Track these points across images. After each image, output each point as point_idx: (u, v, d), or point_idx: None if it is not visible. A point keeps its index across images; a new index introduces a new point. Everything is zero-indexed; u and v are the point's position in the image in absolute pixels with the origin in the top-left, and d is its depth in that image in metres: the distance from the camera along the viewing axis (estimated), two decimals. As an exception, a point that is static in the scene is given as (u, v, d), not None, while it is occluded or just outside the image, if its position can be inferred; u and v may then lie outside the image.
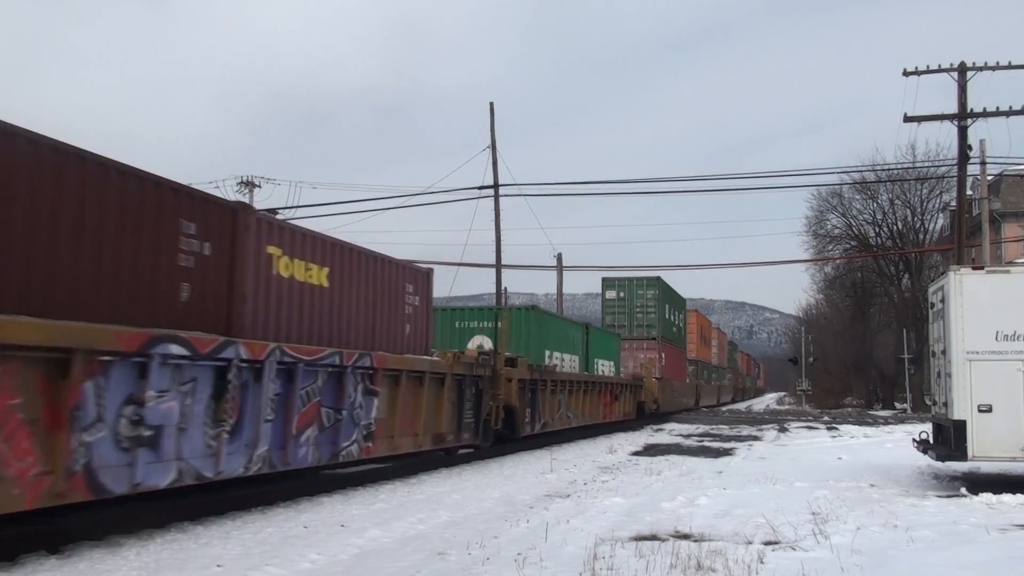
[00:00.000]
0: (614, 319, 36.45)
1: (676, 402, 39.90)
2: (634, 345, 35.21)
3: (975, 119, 27.15)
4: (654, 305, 36.50)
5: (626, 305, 36.53)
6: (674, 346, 40.25)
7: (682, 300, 44.44)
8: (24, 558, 7.23)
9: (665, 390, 35.72)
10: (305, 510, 10.14)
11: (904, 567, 7.12)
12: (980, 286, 12.39)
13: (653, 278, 37.14)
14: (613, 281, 37.29)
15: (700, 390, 49.46)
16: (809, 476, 14.02)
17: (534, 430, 19.64)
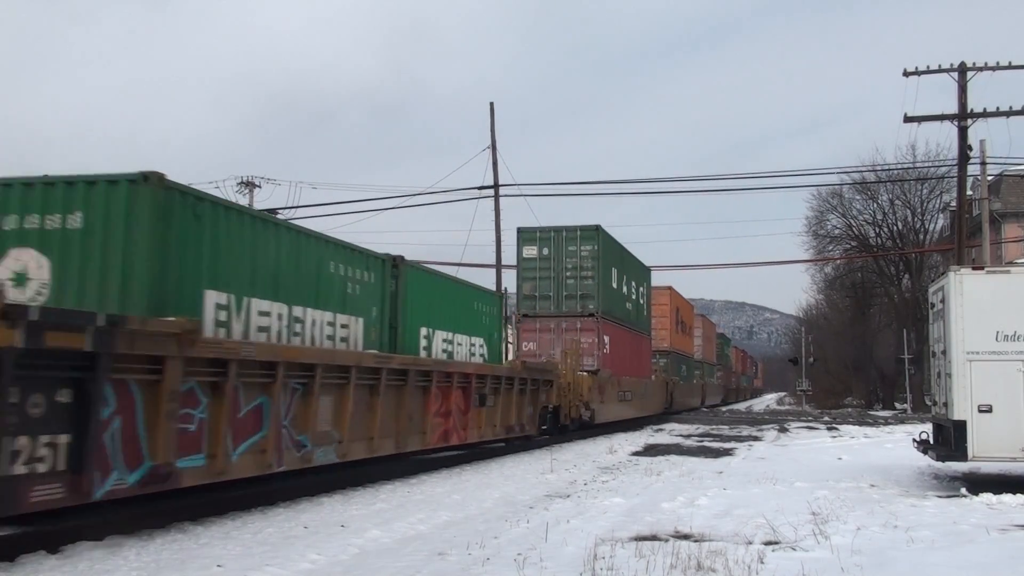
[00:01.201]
0: (535, 287, 25.58)
1: (629, 406, 29.30)
2: (564, 324, 25.20)
3: (975, 119, 27.15)
4: (592, 268, 25.61)
5: (552, 267, 25.63)
6: (628, 329, 29.91)
7: (644, 269, 33.85)
8: (24, 558, 7.23)
9: (606, 390, 25.85)
10: (305, 510, 10.14)
11: (904, 567, 7.12)
12: (980, 286, 12.39)
13: (591, 228, 25.83)
14: (534, 233, 26.07)
15: (674, 390, 38.96)
16: (809, 476, 14.02)
17: None
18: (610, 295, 26.94)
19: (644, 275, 34.17)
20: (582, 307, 25.45)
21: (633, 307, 31.12)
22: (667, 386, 37.63)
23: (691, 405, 47.21)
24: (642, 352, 32.96)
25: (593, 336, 25.28)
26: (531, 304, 25.63)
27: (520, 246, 25.86)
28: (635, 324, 31.28)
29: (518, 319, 25.26)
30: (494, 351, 19.07)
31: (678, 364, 42.96)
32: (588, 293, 25.48)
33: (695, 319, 53.20)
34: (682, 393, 42.61)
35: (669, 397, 37.87)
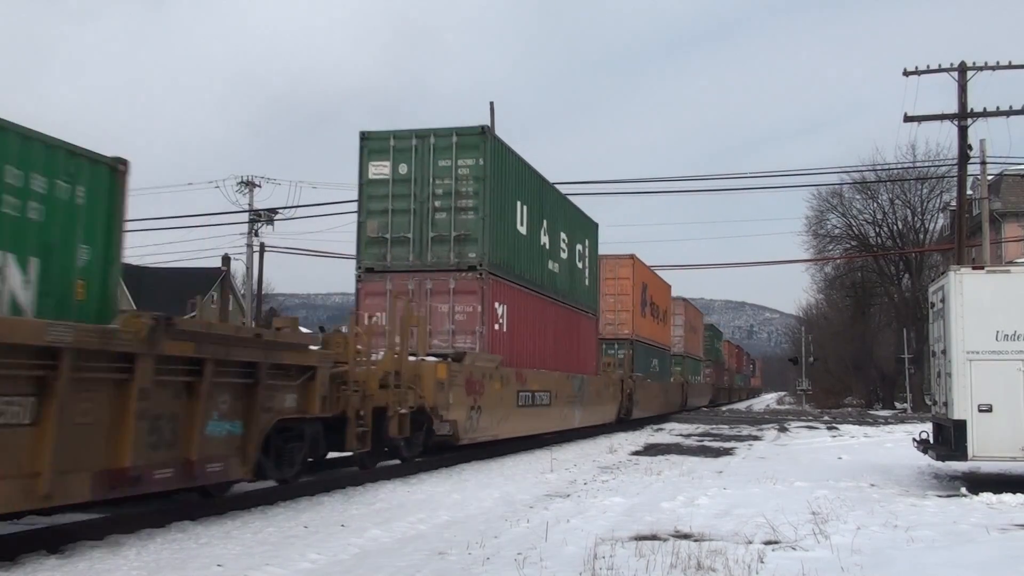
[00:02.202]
0: (386, 225, 16.83)
1: (544, 414, 19.83)
2: (431, 284, 16.52)
3: (975, 119, 27.14)
4: (477, 195, 16.67)
5: (413, 194, 16.77)
6: (552, 300, 20.94)
7: (587, 223, 24.94)
8: (24, 558, 7.23)
9: (492, 389, 16.72)
10: (305, 510, 10.14)
11: (904, 567, 7.12)
12: (980, 286, 12.39)
13: (473, 130, 16.86)
14: (385, 140, 17.04)
15: (634, 390, 29.57)
16: (809, 476, 14.02)
17: None
18: (511, 242, 18.02)
19: (587, 230, 24.83)
20: (458, 256, 16.45)
21: (564, 271, 22.30)
22: (624, 386, 28.34)
23: (666, 408, 37.67)
24: (580, 337, 23.65)
25: (475, 302, 16.36)
26: (379, 252, 16.73)
27: (364, 161, 16.96)
28: (567, 296, 22.34)
29: (359, 276, 16.79)
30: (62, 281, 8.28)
31: (646, 357, 33.91)
32: (469, 234, 16.46)
33: (675, 304, 43.97)
34: (650, 394, 33.11)
35: (627, 400, 28.59)
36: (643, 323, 33.48)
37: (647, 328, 34.37)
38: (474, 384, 15.87)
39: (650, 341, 35.02)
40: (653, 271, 36.93)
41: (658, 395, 35.76)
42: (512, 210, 18.31)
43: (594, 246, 26.12)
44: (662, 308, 38.63)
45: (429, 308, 16.29)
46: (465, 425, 15.49)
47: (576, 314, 23.51)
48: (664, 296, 39.44)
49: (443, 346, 16.04)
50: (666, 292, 40.21)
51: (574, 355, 23.18)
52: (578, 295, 23.79)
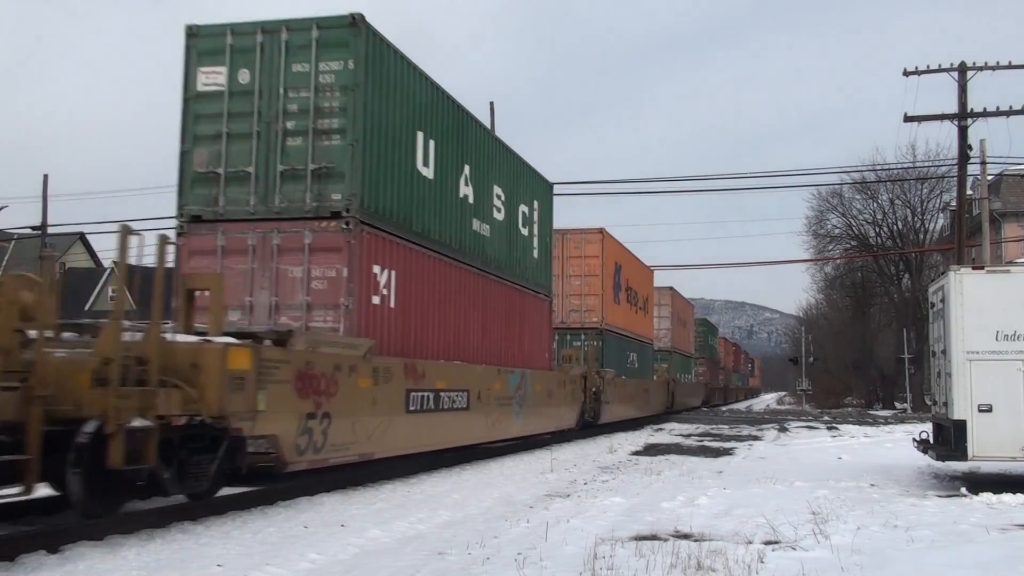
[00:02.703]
0: (220, 155, 12.34)
1: (453, 423, 14.82)
2: (280, 239, 12.12)
3: (975, 119, 27.15)
4: (346, 110, 12.10)
5: (258, 110, 12.27)
6: (483, 273, 16.67)
7: (538, 180, 20.71)
8: (24, 558, 7.22)
9: (345, 390, 11.20)
10: (305, 510, 10.14)
11: (904, 567, 7.12)
12: (980, 286, 12.39)
13: (341, 19, 12.22)
14: (218, 37, 12.47)
15: (603, 388, 25.00)
16: (809, 476, 14.02)
17: None
18: (406, 186, 13.37)
19: (536, 190, 20.39)
20: (317, 198, 11.99)
21: (499, 237, 17.55)
22: (586, 384, 23.72)
23: (648, 410, 32.81)
24: (524, 323, 19.19)
25: (340, 263, 11.83)
26: (208, 194, 12.25)
27: (190, 68, 12.49)
28: (504, 269, 17.81)
29: (180, 228, 12.39)
30: None
31: (621, 351, 29.24)
32: (333, 168, 12.00)
33: (660, 293, 39.90)
34: (625, 393, 28.41)
35: (591, 400, 24.12)
36: (616, 310, 28.44)
37: (622, 317, 29.44)
38: (315, 380, 10.45)
39: (625, 332, 30.07)
40: (631, 252, 31.57)
41: (636, 395, 30.68)
42: (408, 142, 13.53)
43: (546, 211, 21.23)
44: (642, 295, 33.54)
45: (276, 273, 11.97)
46: (297, 443, 10.21)
47: (518, 293, 18.69)
48: (644, 282, 34.60)
49: (292, 325, 11.65)
50: (647, 278, 35.34)
51: (514, 345, 18.38)
52: (522, 270, 19.10)
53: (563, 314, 25.74)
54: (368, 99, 12.23)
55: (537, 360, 20.18)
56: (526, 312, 19.45)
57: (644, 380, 33.11)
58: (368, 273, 12.29)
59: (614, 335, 28.29)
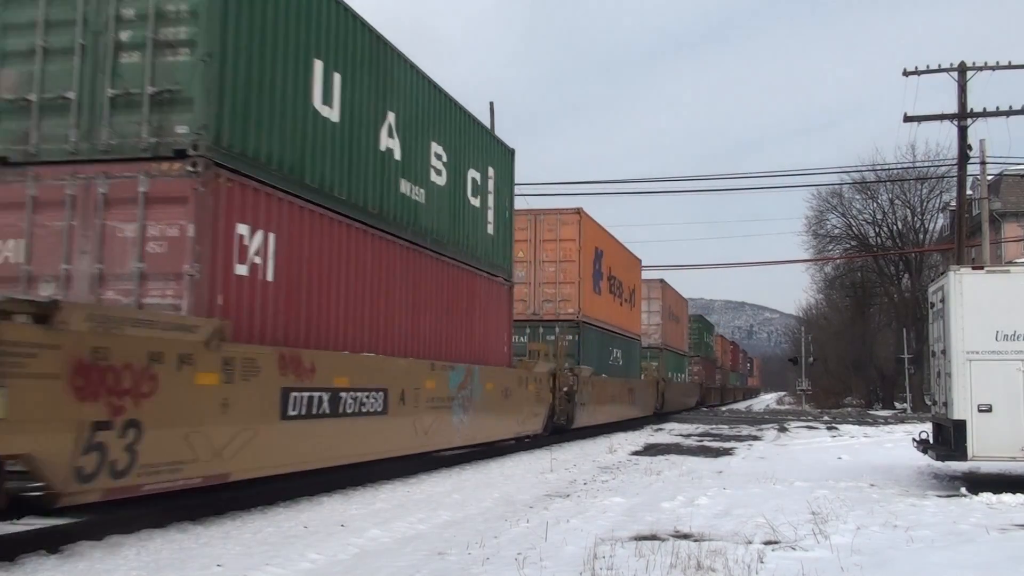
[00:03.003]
0: (32, 76, 9.43)
1: (342, 435, 11.06)
2: (102, 186, 9.08)
3: (975, 119, 27.18)
4: (192, 15, 9.16)
5: (83, 17, 9.35)
6: (416, 247, 13.86)
7: (491, 140, 18.09)
8: (24, 558, 7.23)
9: (169, 390, 8.01)
10: (305, 510, 10.15)
11: (904, 567, 7.12)
12: (980, 286, 12.39)
13: None
14: None
15: (577, 389, 21.90)
16: (809, 476, 14.02)
17: None
18: (294, 123, 10.69)
19: (491, 155, 17.57)
20: (156, 131, 9.30)
21: (440, 204, 14.89)
22: (555, 383, 20.63)
23: (632, 412, 29.68)
24: (475, 310, 16.43)
25: (186, 216, 9.08)
26: (18, 128, 9.57)
27: None
28: (448, 244, 15.13)
29: None
30: None
31: (602, 346, 26.36)
32: (178, 91, 9.28)
33: (649, 286, 37.37)
34: (604, 394, 25.15)
35: (562, 402, 20.97)
36: (596, 301, 25.48)
37: (603, 309, 26.38)
38: (110, 375, 7.46)
39: (607, 325, 26.97)
40: (614, 238, 28.53)
41: (617, 395, 27.39)
42: (300, 71, 10.70)
43: (506, 181, 18.17)
44: (627, 286, 30.57)
45: (102, 232, 9.12)
46: (77, 465, 7.18)
47: (466, 275, 15.79)
48: (630, 272, 31.53)
49: (124, 301, 8.99)
50: (634, 267, 32.46)
51: (458, 336, 15.42)
52: (472, 247, 16.12)
53: (535, 304, 23.29)
54: (232, 2, 9.44)
55: (492, 354, 17.11)
56: (476, 297, 16.29)
57: (628, 379, 29.78)
58: (229, 234, 9.40)
59: (593, 328, 25.21)
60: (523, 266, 22.94)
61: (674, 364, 41.83)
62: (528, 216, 23.19)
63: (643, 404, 31.87)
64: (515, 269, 20.40)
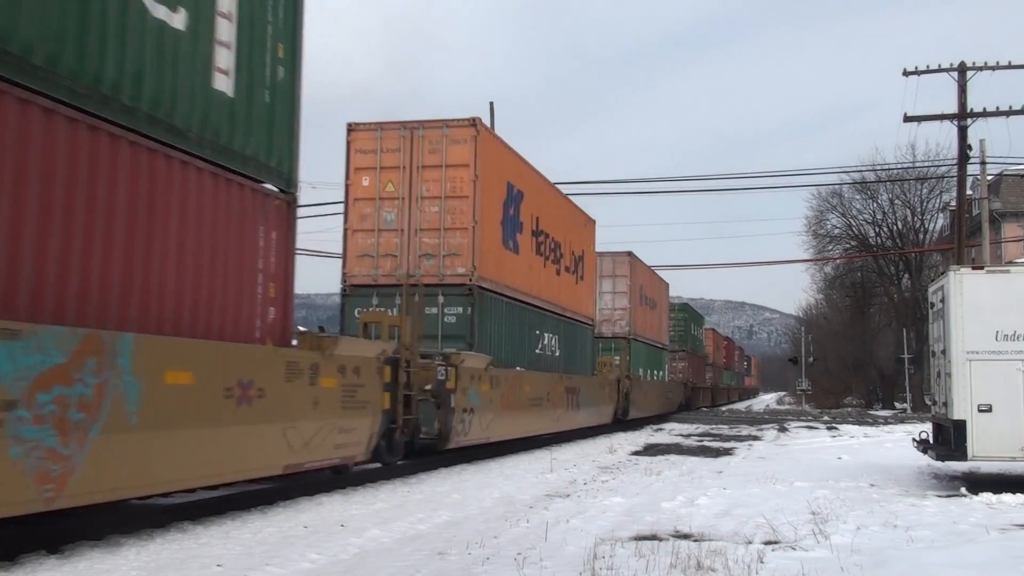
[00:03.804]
0: None
1: None
2: None
3: (975, 119, 27.18)
4: None
5: None
6: None
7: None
8: (24, 558, 7.22)
9: None
10: (305, 510, 10.14)
11: (904, 567, 7.12)
12: (980, 286, 12.39)
13: None
14: None
15: (449, 393, 14.33)
16: (809, 476, 14.02)
17: None
18: None
19: None
20: None
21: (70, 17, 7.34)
22: (385, 379, 12.40)
23: (569, 422, 21.91)
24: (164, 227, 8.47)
25: None
26: None
27: None
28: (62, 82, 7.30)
29: None
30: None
31: (517, 325, 18.97)
32: None
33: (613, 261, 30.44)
34: (514, 397, 17.75)
35: (411, 409, 13.26)
36: (508, 261, 18.18)
37: (522, 273, 19.09)
38: None
39: (530, 298, 19.57)
40: (546, 179, 21.14)
41: (545, 398, 19.75)
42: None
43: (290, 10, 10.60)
44: (570, 250, 23.35)
45: None
46: None
47: (162, 160, 8.50)
48: (576, 232, 24.20)
49: None
50: (581, 226, 24.82)
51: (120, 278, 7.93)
52: (166, 106, 8.58)
53: (410, 261, 16.32)
54: None
55: (229, 326, 9.49)
56: (177, 210, 8.69)
57: (569, 376, 22.09)
58: None
59: (500, 299, 17.68)
60: (392, 205, 16.61)
61: (648, 359, 34.56)
62: (404, 131, 16.70)
63: (595, 409, 24.50)
64: (382, 209, 16.12)
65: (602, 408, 25.73)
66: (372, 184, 16.83)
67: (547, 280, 21.44)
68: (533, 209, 20.12)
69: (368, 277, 16.76)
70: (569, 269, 23.63)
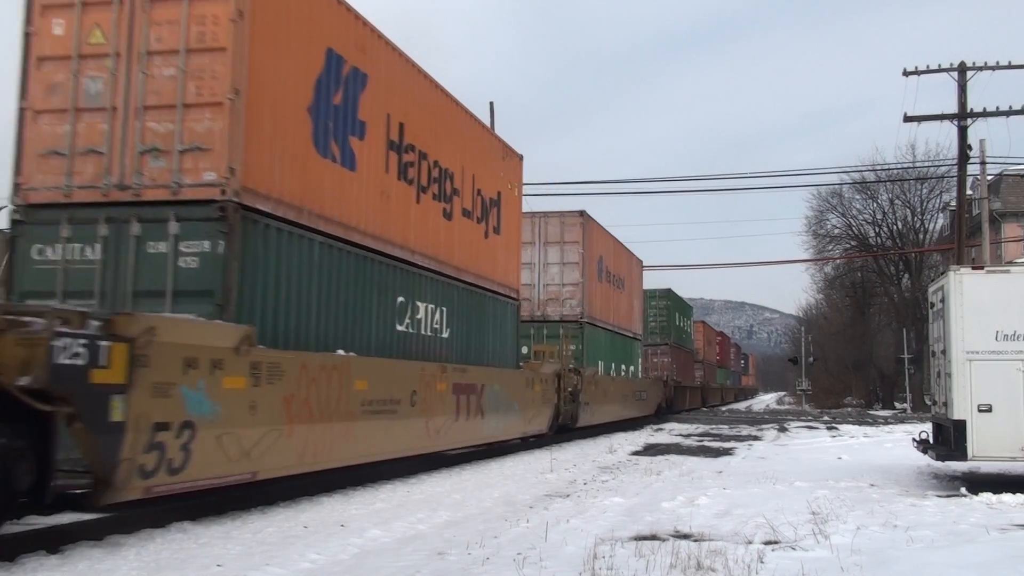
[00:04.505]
0: None
1: None
2: None
3: (975, 119, 27.18)
4: None
5: None
6: None
7: None
8: (24, 558, 7.22)
9: None
10: (305, 510, 10.14)
11: (904, 567, 7.12)
12: (980, 286, 12.39)
13: None
14: None
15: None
16: (809, 476, 14.02)
17: None
18: None
19: None
20: None
21: None
22: None
23: (466, 435, 15.35)
24: None
25: None
26: None
27: None
28: None
29: None
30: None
31: (368, 285, 12.47)
32: None
33: (561, 223, 23.92)
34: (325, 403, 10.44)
35: None
36: (329, 177, 11.54)
37: (366, 204, 12.47)
38: None
39: (385, 245, 13.01)
40: (427, 75, 14.54)
41: (388, 408, 12.16)
42: None
43: None
44: (480, 187, 16.91)
45: None
46: None
47: None
48: (495, 166, 18.01)
49: None
50: (505, 161, 18.69)
51: None
52: None
53: (126, 163, 9.87)
54: None
55: None
56: None
57: (451, 368, 14.60)
58: None
59: (304, 235, 11.04)
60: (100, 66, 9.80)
61: (612, 350, 28.10)
62: None
63: (516, 415, 17.91)
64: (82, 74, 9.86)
65: (530, 413, 18.76)
66: (68, 32, 10.14)
67: (423, 222, 14.27)
68: (390, 107, 13.24)
69: (57, 191, 10.01)
70: (472, 215, 16.40)
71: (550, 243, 24.06)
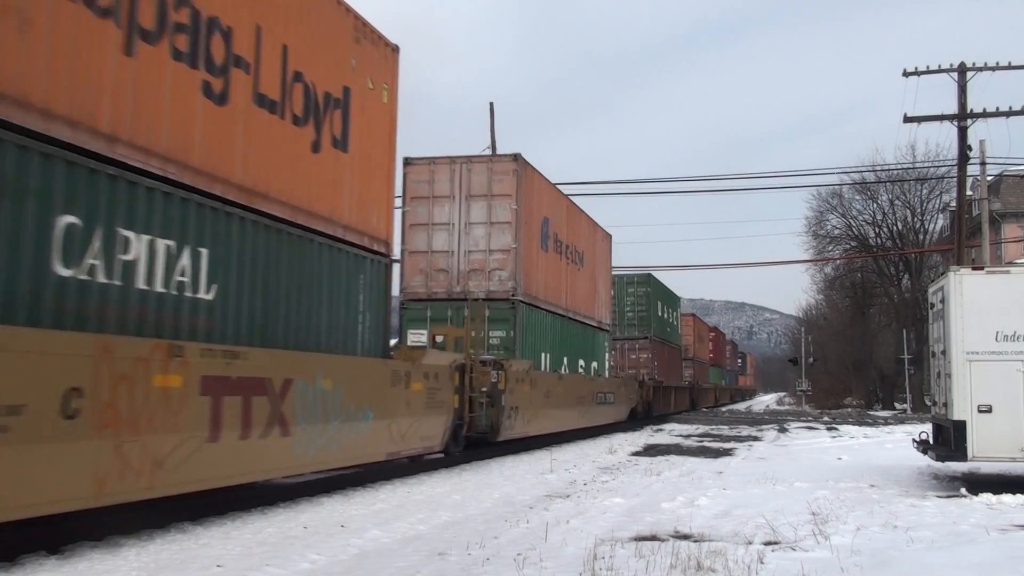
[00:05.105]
0: None
1: None
2: None
3: (975, 119, 27.16)
4: None
5: None
6: None
7: None
8: (24, 558, 7.23)
9: None
10: (305, 510, 10.15)
11: (904, 567, 7.12)
12: (980, 286, 12.39)
13: None
14: None
15: None
16: (809, 476, 14.02)
17: None
18: None
19: None
20: None
21: None
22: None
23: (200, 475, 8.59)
24: None
25: None
26: None
27: None
28: None
29: None
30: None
31: None
32: None
33: (487, 170, 19.18)
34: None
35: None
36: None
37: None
38: None
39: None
40: None
41: None
42: None
43: None
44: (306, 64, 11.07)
45: None
46: None
47: None
48: (330, 32, 11.72)
49: None
50: (355, 38, 12.30)
51: None
52: None
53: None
54: None
55: None
56: None
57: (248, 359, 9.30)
58: None
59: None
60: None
61: (564, 341, 23.08)
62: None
63: (348, 435, 11.39)
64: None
65: (402, 425, 13.05)
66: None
67: (149, 89, 8.56)
68: None
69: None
70: (282, 109, 10.74)
71: (474, 196, 19.07)
